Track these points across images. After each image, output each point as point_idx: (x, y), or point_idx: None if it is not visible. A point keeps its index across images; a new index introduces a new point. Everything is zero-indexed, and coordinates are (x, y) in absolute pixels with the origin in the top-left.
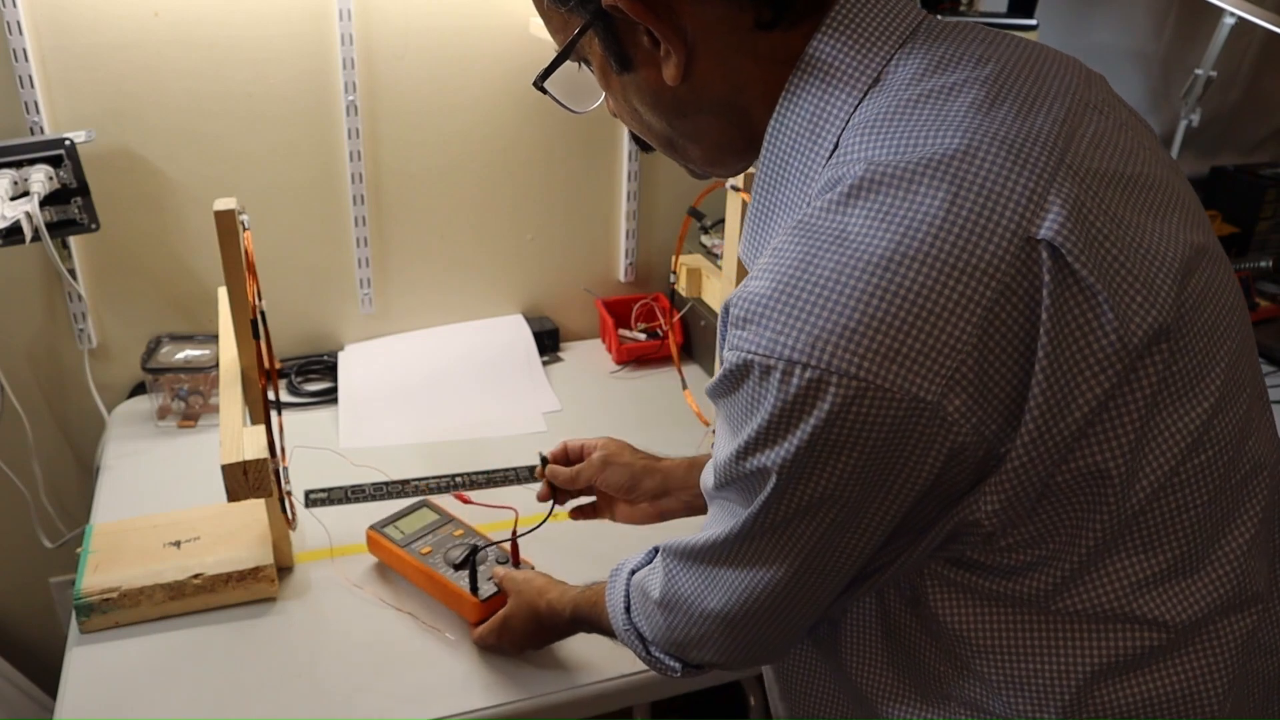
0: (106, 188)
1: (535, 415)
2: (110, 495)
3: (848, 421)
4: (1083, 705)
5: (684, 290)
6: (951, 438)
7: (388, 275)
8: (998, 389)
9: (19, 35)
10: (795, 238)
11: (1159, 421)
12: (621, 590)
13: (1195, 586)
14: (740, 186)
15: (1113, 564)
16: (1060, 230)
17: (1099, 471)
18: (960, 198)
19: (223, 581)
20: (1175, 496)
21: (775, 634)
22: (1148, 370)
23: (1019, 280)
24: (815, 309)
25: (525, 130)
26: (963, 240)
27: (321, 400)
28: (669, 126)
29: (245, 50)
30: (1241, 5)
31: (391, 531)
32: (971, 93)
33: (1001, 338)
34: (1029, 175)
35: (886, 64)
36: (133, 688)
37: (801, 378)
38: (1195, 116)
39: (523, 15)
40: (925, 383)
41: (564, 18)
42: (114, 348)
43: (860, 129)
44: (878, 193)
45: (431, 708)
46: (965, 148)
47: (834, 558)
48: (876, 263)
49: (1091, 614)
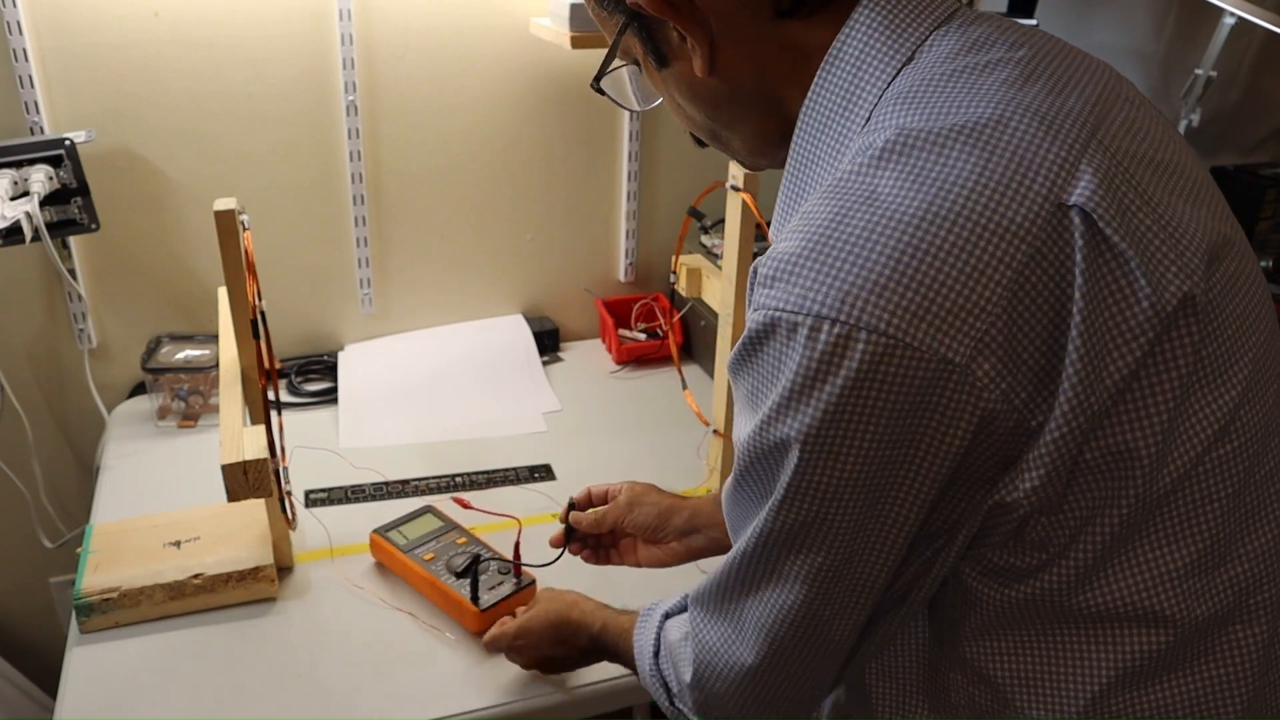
0: (106, 188)
1: (535, 415)
2: (110, 495)
3: (875, 381)
4: (1098, 710)
5: (684, 290)
6: (981, 405)
7: (388, 275)
8: (1027, 355)
9: (19, 35)
10: (825, 199)
11: (1192, 403)
12: (652, 634)
13: (1213, 584)
14: (740, 186)
15: (1133, 554)
16: (1092, 197)
17: (1127, 450)
18: (992, 162)
19: (223, 581)
20: (1200, 486)
21: (806, 672)
22: (1180, 341)
23: (1050, 245)
24: (845, 265)
25: (525, 130)
26: (994, 203)
27: (321, 400)
28: (709, 118)
29: (245, 50)
30: (1241, 5)
31: (395, 536)
32: (1005, 70)
33: (1031, 302)
34: (1061, 145)
35: (923, 42)
36: (133, 688)
37: (830, 333)
38: (1195, 116)
39: (523, 15)
40: (954, 343)
41: (608, 20)
42: (114, 348)
43: (894, 100)
44: (909, 155)
45: (431, 708)
46: (998, 117)
47: (862, 559)
48: (908, 221)
49: (1109, 613)
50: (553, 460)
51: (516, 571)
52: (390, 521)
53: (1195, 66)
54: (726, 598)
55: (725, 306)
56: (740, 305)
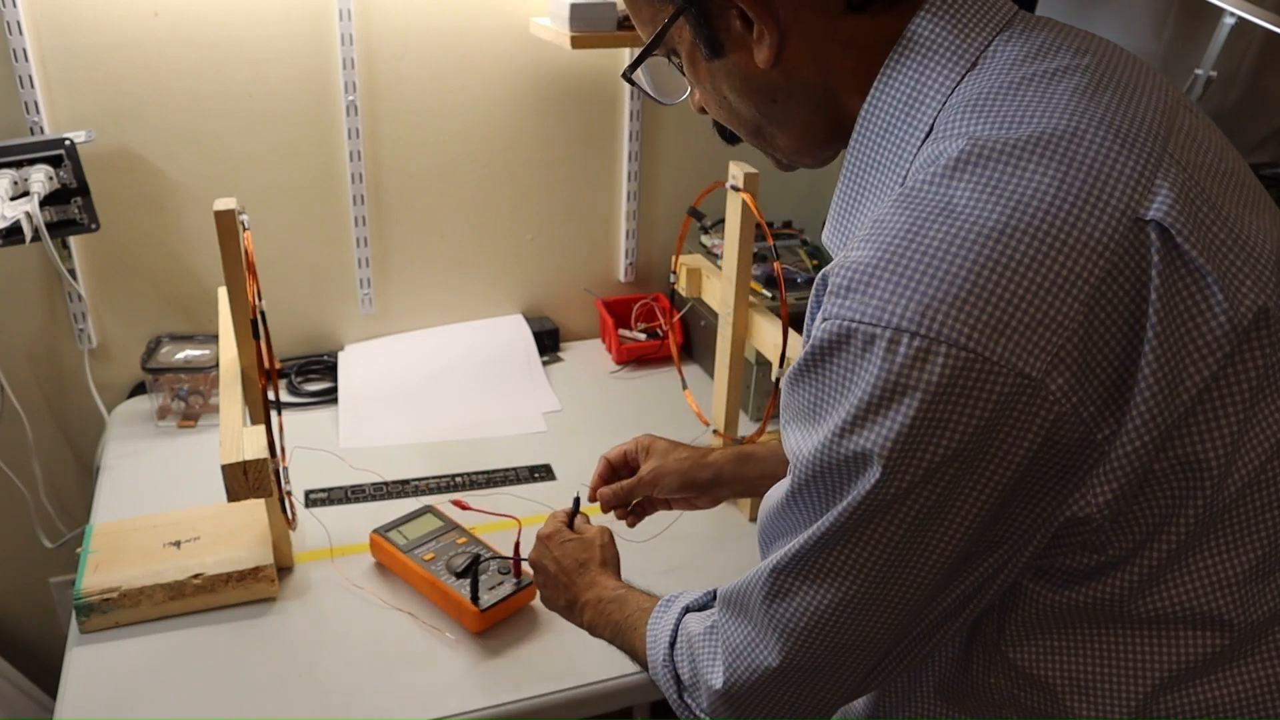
0: (106, 188)
1: (535, 415)
2: (110, 495)
3: (953, 395)
4: (1148, 712)
5: (684, 290)
6: (1051, 418)
7: (388, 275)
8: (1100, 369)
9: (19, 35)
10: (899, 209)
11: (1259, 413)
12: (670, 625)
13: (1269, 588)
14: (740, 186)
15: (1197, 561)
16: (1169, 212)
17: (1197, 461)
18: (1070, 176)
19: (223, 581)
20: (1263, 494)
21: (839, 675)
22: (1254, 354)
23: (1127, 260)
24: (924, 278)
25: (525, 130)
26: (1072, 217)
27: (321, 400)
28: (759, 113)
29: (245, 50)
30: (1241, 5)
31: (395, 536)
32: (1075, 78)
33: (1107, 317)
34: (1136, 159)
35: (986, 47)
36: (133, 688)
37: (910, 346)
38: None
39: (523, 15)
40: (1031, 358)
41: (654, 8)
42: (114, 348)
43: (961, 108)
44: (985, 166)
45: (431, 708)
46: (1073, 129)
47: (916, 563)
48: (986, 235)
49: (1169, 616)
50: (553, 460)
51: (516, 571)
52: (390, 522)
53: (1195, 66)
54: (767, 599)
55: (725, 306)
56: (741, 305)
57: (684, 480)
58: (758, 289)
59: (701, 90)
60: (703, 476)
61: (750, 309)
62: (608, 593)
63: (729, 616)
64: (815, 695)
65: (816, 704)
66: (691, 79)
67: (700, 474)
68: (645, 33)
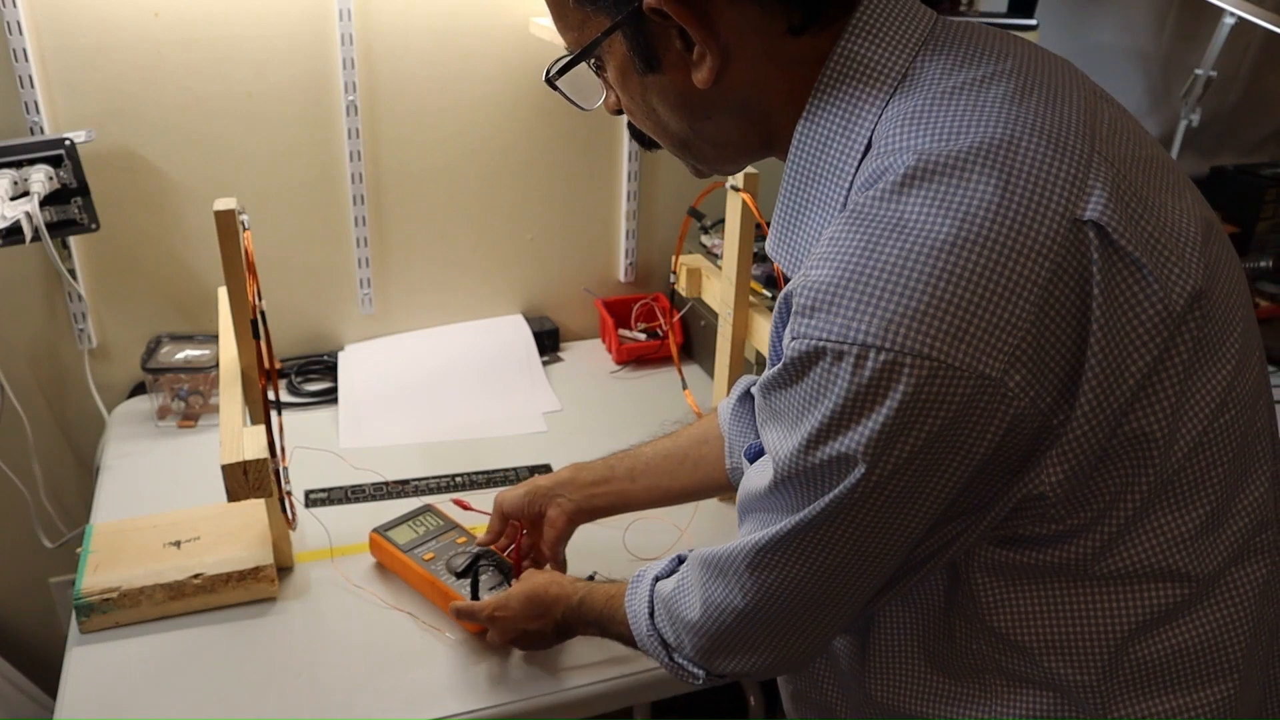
0: (106, 188)
1: (535, 415)
2: (110, 495)
3: (920, 402)
4: (1119, 663)
5: (684, 290)
6: (1011, 411)
7: (388, 275)
8: (1053, 363)
9: (19, 35)
10: (852, 227)
11: (1194, 383)
12: (645, 597)
13: (1220, 538)
14: (740, 187)
15: (1151, 523)
16: (1104, 211)
17: (1145, 435)
18: (1011, 184)
19: (223, 581)
20: (1206, 454)
21: (810, 632)
22: (1187, 333)
23: (1069, 260)
24: (884, 294)
25: (525, 130)
26: (1017, 224)
27: (321, 400)
28: (689, 128)
29: (245, 50)
30: (1241, 5)
31: (395, 535)
32: (1001, 85)
33: (1056, 314)
34: (1068, 161)
35: (912, 62)
36: (133, 688)
37: (876, 361)
38: (1195, 116)
39: (523, 15)
40: (990, 360)
41: (584, 16)
42: (114, 348)
43: (899, 121)
44: (931, 181)
45: (431, 708)
46: (1008, 137)
47: (886, 540)
48: (939, 248)
49: (1129, 573)
50: (553, 460)
51: (516, 573)
52: (390, 521)
53: (1195, 66)
54: (750, 569)
55: (725, 306)
56: (741, 305)
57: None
58: (758, 289)
59: (628, 99)
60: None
61: (750, 309)
62: (575, 599)
63: (709, 577)
64: (785, 639)
65: (787, 646)
66: (618, 89)
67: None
68: (569, 38)
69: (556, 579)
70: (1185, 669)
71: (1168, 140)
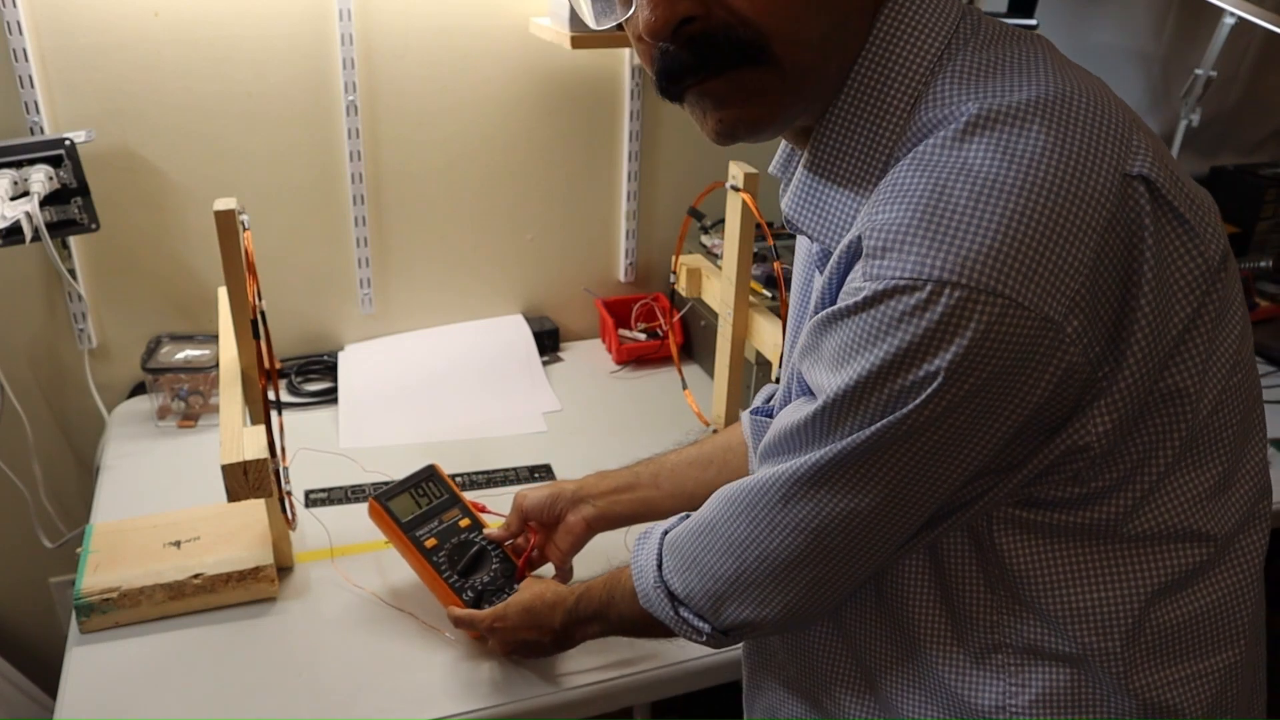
0: (106, 188)
1: (535, 415)
2: (110, 495)
3: (989, 339)
4: (1142, 629)
5: (684, 290)
6: (1066, 360)
7: (388, 275)
8: (1104, 311)
9: (19, 35)
10: (917, 170)
11: (1218, 341)
12: (654, 549)
13: (1231, 500)
14: (740, 186)
15: (1177, 482)
16: (1151, 168)
17: (1180, 390)
18: (1067, 136)
19: (223, 581)
20: (1222, 414)
21: (830, 579)
22: (1216, 293)
23: (1122, 210)
24: (957, 233)
25: (525, 130)
26: (1076, 173)
27: (321, 400)
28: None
29: (245, 50)
30: (1241, 5)
31: (396, 507)
32: (1040, 56)
33: (1108, 263)
34: (1115, 121)
35: (955, 31)
36: (133, 688)
37: (951, 296)
38: (1195, 116)
39: (523, 15)
40: (1054, 302)
41: None
42: (114, 348)
43: (955, 77)
44: (993, 129)
45: (431, 708)
46: (1061, 94)
47: (923, 487)
48: (1007, 191)
49: (1157, 534)
50: (553, 460)
51: (518, 576)
52: (391, 487)
53: (1195, 66)
54: (782, 501)
55: (725, 306)
56: (741, 305)
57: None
58: (758, 289)
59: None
60: (567, 490)
61: (750, 309)
62: (572, 599)
63: (734, 511)
64: (802, 586)
65: (802, 595)
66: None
67: (564, 492)
68: None
69: (553, 587)
70: (1201, 634)
71: (1168, 140)
